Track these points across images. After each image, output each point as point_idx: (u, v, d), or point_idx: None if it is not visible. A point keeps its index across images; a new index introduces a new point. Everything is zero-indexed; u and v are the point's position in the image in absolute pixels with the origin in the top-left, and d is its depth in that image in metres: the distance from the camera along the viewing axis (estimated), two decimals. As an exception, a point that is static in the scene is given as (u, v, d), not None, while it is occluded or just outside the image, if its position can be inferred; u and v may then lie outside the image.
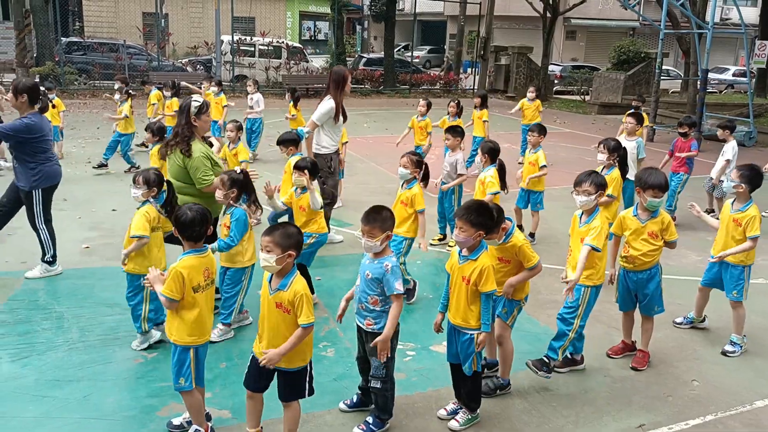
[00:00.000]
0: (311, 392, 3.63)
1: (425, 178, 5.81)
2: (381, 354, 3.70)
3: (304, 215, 5.57)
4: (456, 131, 7.55)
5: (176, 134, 5.23)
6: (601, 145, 6.31)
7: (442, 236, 7.72)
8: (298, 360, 3.51)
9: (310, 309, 3.38)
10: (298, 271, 3.46)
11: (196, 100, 5.29)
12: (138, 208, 4.75)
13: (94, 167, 10.76)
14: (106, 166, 10.79)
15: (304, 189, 5.49)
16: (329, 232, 6.66)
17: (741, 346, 5.19)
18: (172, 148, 5.22)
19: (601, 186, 4.45)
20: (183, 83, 15.38)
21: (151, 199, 4.73)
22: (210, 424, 3.84)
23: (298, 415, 3.65)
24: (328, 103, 6.89)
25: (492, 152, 6.59)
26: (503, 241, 4.14)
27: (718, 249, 5.19)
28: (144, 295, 4.76)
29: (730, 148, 8.65)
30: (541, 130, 7.82)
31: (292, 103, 11.80)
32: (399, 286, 3.63)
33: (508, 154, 8.67)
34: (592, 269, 4.45)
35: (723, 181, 8.73)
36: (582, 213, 4.55)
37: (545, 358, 4.53)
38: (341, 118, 7.03)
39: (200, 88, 12.50)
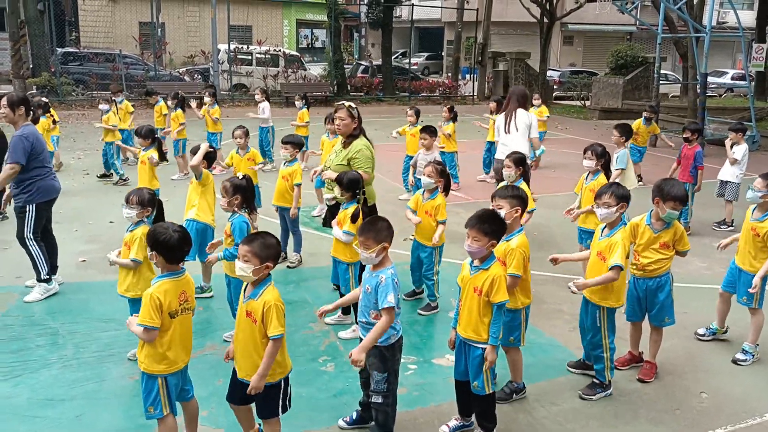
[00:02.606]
0: (285, 409, 3.49)
1: (446, 189, 5.75)
2: (355, 363, 3.51)
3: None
4: (431, 131, 7.84)
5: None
6: (588, 151, 6.21)
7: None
8: (270, 373, 3.35)
9: (280, 320, 3.26)
10: (272, 281, 3.38)
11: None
12: (131, 230, 4.58)
13: (114, 184, 10.43)
14: (125, 180, 10.45)
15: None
16: None
17: (753, 355, 5.08)
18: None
19: (622, 198, 4.35)
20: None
21: (145, 219, 4.61)
22: None
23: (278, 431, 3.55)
24: (532, 117, 7.51)
25: (522, 163, 6.22)
26: (507, 239, 4.08)
27: (740, 256, 5.11)
28: None
29: (740, 150, 8.52)
30: None
31: (306, 109, 11.68)
32: (391, 299, 3.52)
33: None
34: (609, 292, 4.36)
35: (729, 182, 8.59)
36: (604, 226, 4.44)
37: (596, 380, 4.51)
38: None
39: (202, 100, 12.12)
